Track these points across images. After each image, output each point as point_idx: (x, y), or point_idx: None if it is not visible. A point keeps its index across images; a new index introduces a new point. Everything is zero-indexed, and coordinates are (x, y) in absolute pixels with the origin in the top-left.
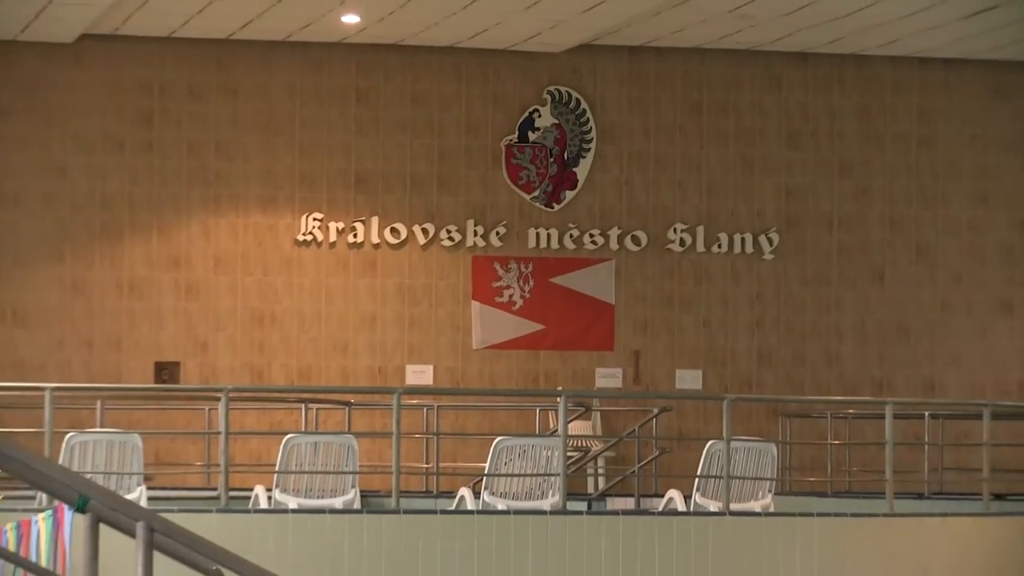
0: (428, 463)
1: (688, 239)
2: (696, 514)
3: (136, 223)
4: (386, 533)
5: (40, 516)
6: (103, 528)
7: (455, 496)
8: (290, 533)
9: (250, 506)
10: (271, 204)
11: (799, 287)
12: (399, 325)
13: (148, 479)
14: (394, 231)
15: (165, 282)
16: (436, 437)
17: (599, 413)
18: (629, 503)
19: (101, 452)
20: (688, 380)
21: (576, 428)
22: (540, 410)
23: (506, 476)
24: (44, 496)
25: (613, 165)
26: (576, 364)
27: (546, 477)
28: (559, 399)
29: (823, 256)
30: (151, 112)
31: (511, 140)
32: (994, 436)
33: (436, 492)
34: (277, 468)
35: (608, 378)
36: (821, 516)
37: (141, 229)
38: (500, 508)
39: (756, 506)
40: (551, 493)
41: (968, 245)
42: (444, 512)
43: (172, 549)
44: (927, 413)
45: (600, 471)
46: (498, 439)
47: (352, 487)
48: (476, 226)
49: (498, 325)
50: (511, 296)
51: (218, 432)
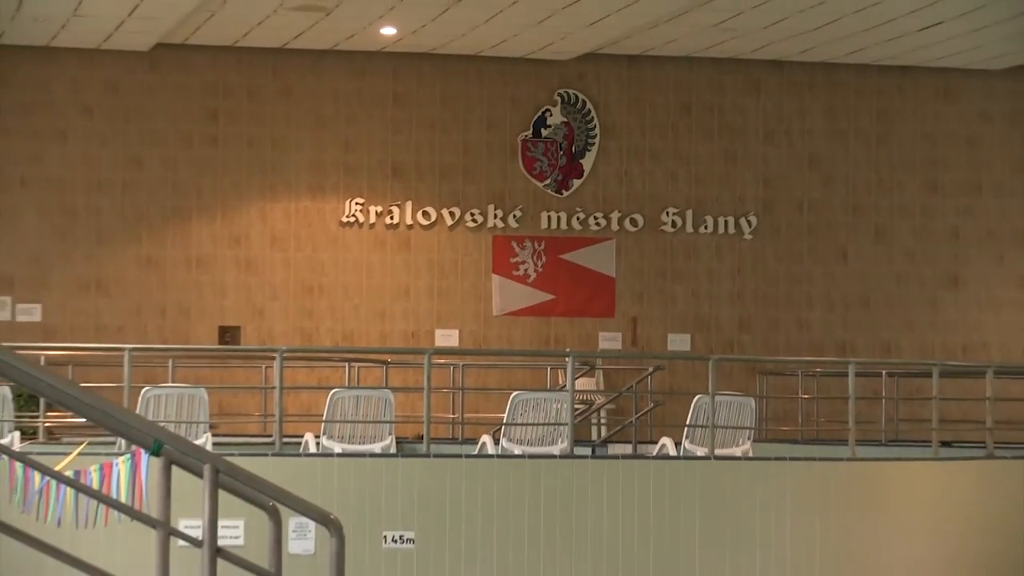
0: (454, 414)
1: (679, 221)
2: (685, 458)
3: (202, 207)
4: (418, 474)
5: (120, 459)
6: (174, 469)
7: (478, 442)
8: (335, 474)
9: (301, 451)
10: (319, 191)
11: (774, 263)
12: (429, 295)
13: (212, 427)
14: (425, 214)
15: (227, 258)
16: (461, 392)
17: (602, 371)
18: (627, 449)
19: (172, 404)
20: (678, 343)
21: (582, 384)
22: (551, 368)
23: (521, 425)
24: (123, 442)
25: (614, 158)
26: (582, 329)
27: (556, 426)
28: (567, 359)
29: (795, 236)
30: (216, 111)
31: (526, 136)
32: (942, 391)
33: (461, 439)
34: (324, 418)
35: (609, 341)
36: (793, 460)
37: (207, 212)
38: (516, 453)
39: (737, 451)
40: (560, 440)
41: (920, 227)
42: (468, 456)
43: (234, 487)
44: (884, 372)
45: (602, 421)
46: (515, 393)
47: (389, 434)
48: (496, 210)
49: (514, 295)
50: (526, 270)
51: (273, 387)
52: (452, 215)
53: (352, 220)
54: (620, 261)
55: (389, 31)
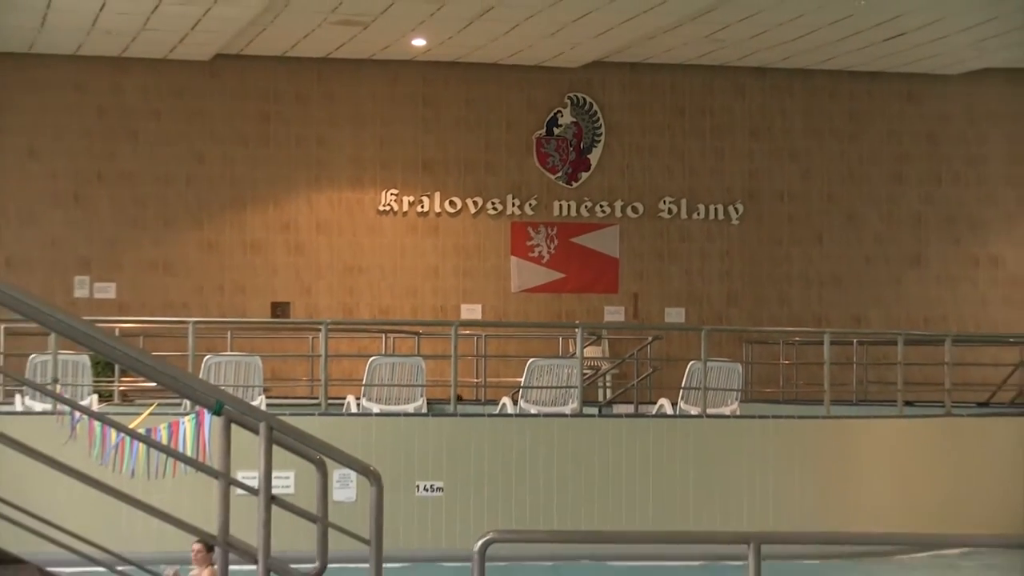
0: (478, 378)
1: (674, 209)
2: (680, 417)
3: (256, 197)
4: (446, 431)
5: (186, 418)
6: (233, 427)
7: (498, 403)
8: (373, 431)
9: (343, 411)
10: (358, 183)
11: (758, 245)
12: (455, 274)
13: (266, 390)
14: (452, 203)
15: (279, 242)
16: (484, 359)
17: (607, 341)
18: (630, 408)
19: (231, 370)
20: (674, 315)
21: (589, 352)
22: (562, 338)
23: (537, 388)
24: (188, 403)
25: (617, 153)
26: (589, 304)
27: (567, 389)
28: (576, 330)
29: (776, 222)
30: (268, 113)
31: (540, 134)
32: (905, 357)
33: (484, 400)
34: (363, 382)
35: (614, 314)
36: (775, 418)
37: (260, 202)
38: (532, 412)
39: (726, 410)
40: (571, 401)
41: (886, 213)
42: (490, 415)
43: (285, 443)
44: (855, 340)
45: (608, 384)
46: (531, 360)
47: (420, 396)
48: (514, 199)
49: (530, 274)
50: (540, 252)
51: (319, 355)
52: (475, 204)
53: (388, 208)
54: (623, 244)
55: (419, 42)
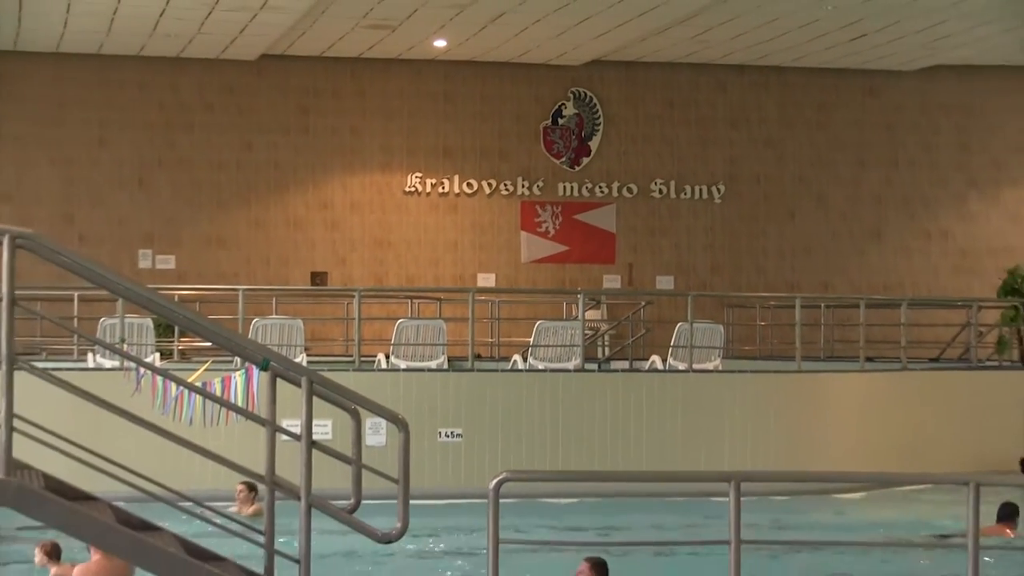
0: (492, 338)
1: (665, 189)
2: (669, 371)
3: (298, 180)
4: (464, 384)
5: (237, 374)
6: (278, 381)
7: (510, 360)
8: (401, 385)
9: (374, 367)
10: (387, 167)
11: (737, 221)
12: (473, 247)
13: (307, 349)
14: (469, 184)
15: (317, 220)
16: (497, 321)
17: (605, 305)
18: (625, 364)
19: (276, 331)
20: (664, 283)
21: (590, 315)
22: (566, 303)
23: (544, 347)
24: (239, 360)
25: (615, 141)
26: (590, 273)
27: (570, 347)
28: (578, 296)
29: (754, 201)
30: (307, 107)
31: (546, 124)
32: (866, 319)
33: (497, 357)
34: (392, 342)
35: (611, 282)
36: (753, 372)
37: (301, 184)
38: (540, 368)
39: (709, 366)
40: (573, 358)
41: (851, 194)
42: (503, 371)
43: (324, 395)
44: (823, 304)
45: (606, 343)
46: (539, 322)
47: (442, 354)
48: (523, 181)
49: (538, 247)
50: (547, 228)
51: (353, 318)
52: (490, 185)
53: (413, 190)
54: (619, 220)
55: (441, 43)
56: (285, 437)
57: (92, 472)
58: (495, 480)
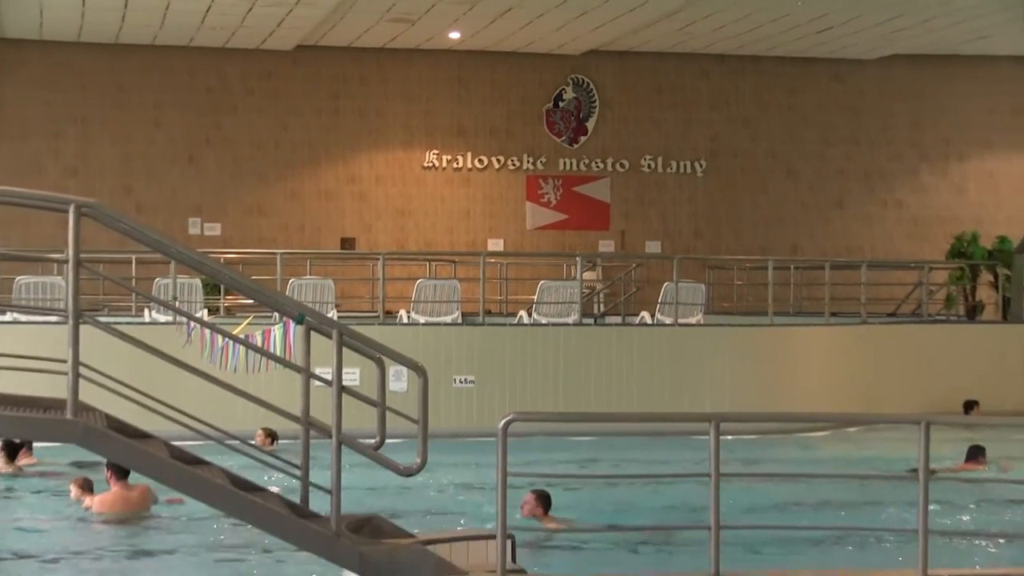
0: (500, 296)
1: (654, 164)
2: (657, 325)
3: (329, 157)
4: (477, 337)
5: (275, 327)
6: (312, 334)
7: (517, 315)
8: (420, 337)
9: (397, 321)
10: (408, 145)
11: (718, 192)
12: (483, 215)
13: (337, 306)
14: (480, 160)
15: (346, 192)
16: (505, 281)
17: (601, 267)
18: (618, 319)
19: (310, 290)
20: (653, 247)
21: (587, 276)
22: (566, 265)
23: (546, 304)
24: (277, 315)
25: (609, 122)
26: (587, 238)
27: (569, 304)
28: (577, 259)
29: (732, 175)
30: (337, 92)
31: (548, 107)
32: (831, 279)
33: (505, 313)
34: (412, 299)
35: (606, 246)
36: (730, 326)
37: (331, 160)
38: (543, 322)
39: (692, 320)
40: (572, 314)
41: (817, 168)
42: (510, 325)
43: (353, 346)
44: (792, 266)
45: (601, 301)
46: (541, 282)
47: (456, 310)
48: (528, 157)
49: (541, 215)
50: (549, 198)
51: (377, 278)
52: (498, 161)
53: (431, 165)
54: (613, 192)
55: (455, 35)
56: (318, 383)
57: (148, 413)
58: (503, 420)
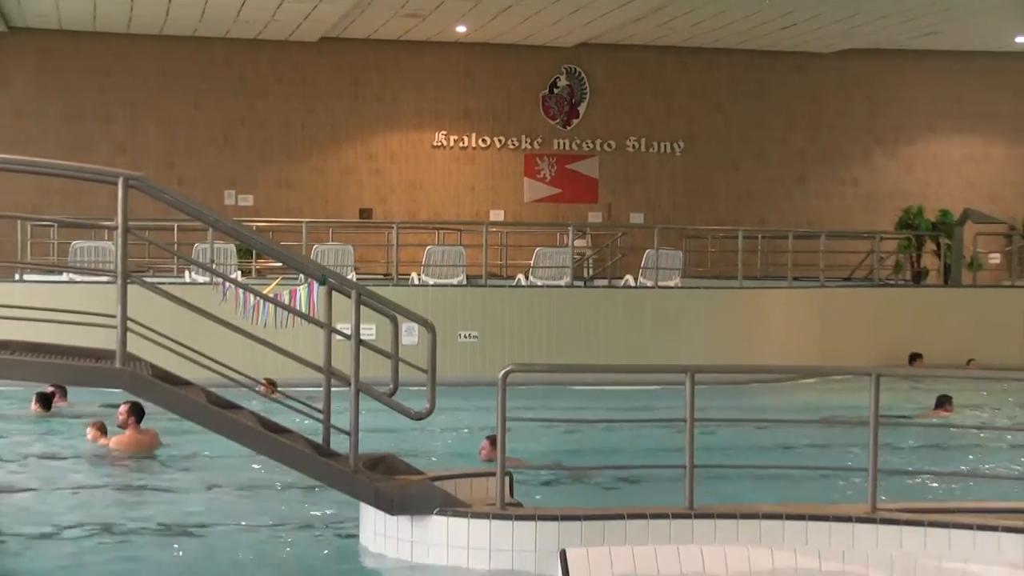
0: (501, 260)
1: (638, 145)
2: (640, 288)
3: (349, 137)
4: (480, 297)
5: (301, 287)
6: (334, 294)
7: (515, 278)
8: (429, 297)
9: (409, 283)
10: (419, 127)
11: (694, 170)
12: (487, 189)
13: (356, 269)
14: (483, 140)
15: (364, 168)
16: (505, 247)
17: (590, 235)
18: (605, 282)
19: (332, 255)
20: (636, 218)
21: (577, 243)
22: (559, 233)
23: (541, 268)
24: (303, 276)
25: (598, 107)
26: (578, 210)
27: (562, 268)
28: (569, 228)
29: (707, 155)
30: (357, 79)
31: (544, 93)
32: (793, 247)
33: (505, 276)
34: (423, 263)
35: (594, 217)
36: (704, 288)
37: (351, 139)
38: (539, 284)
39: (671, 283)
40: (564, 277)
41: (782, 150)
42: (510, 286)
43: (369, 304)
44: (759, 235)
45: (590, 265)
46: (537, 249)
47: (461, 273)
48: (526, 138)
49: (537, 189)
50: (544, 175)
51: (391, 245)
52: (500, 141)
53: (440, 145)
54: (601, 169)
55: (462, 29)
56: (338, 337)
57: (188, 363)
58: (503, 371)
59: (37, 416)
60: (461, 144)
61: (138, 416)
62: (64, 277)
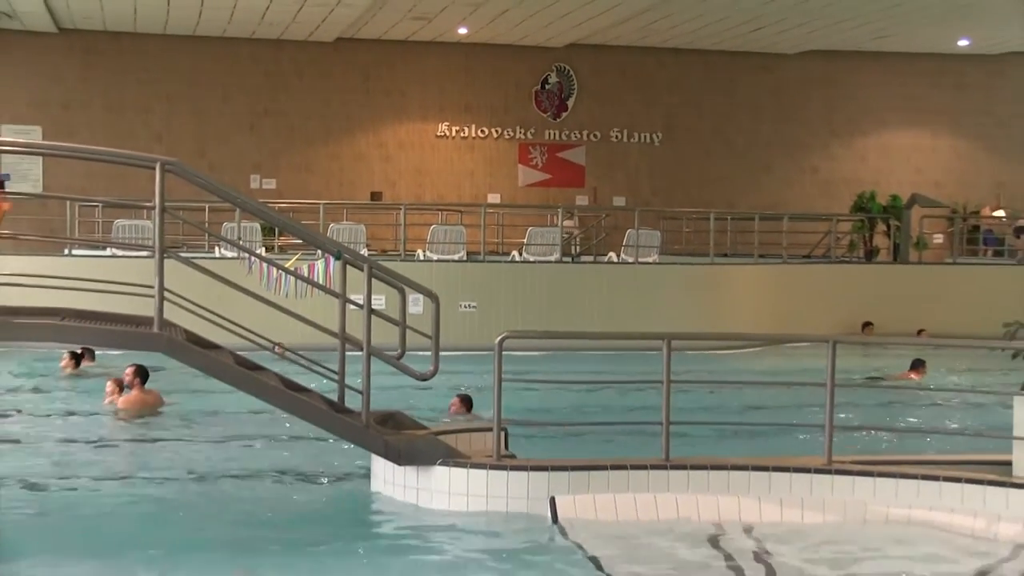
0: (497, 239)
1: (620, 136)
2: (622, 263)
3: (362, 127)
4: (479, 272)
5: (318, 262)
6: (348, 267)
7: (510, 255)
8: (433, 271)
9: (415, 258)
10: (424, 118)
11: (671, 160)
12: (486, 174)
13: (367, 245)
14: (482, 131)
15: (375, 155)
16: (501, 227)
17: (577, 216)
18: (591, 258)
19: (346, 233)
20: (619, 201)
21: (566, 224)
22: (550, 214)
23: (534, 245)
24: (320, 252)
25: (585, 101)
26: (567, 194)
27: (552, 246)
28: (558, 210)
29: (684, 146)
30: (368, 75)
31: (536, 88)
32: (760, 228)
33: (501, 252)
34: (427, 241)
35: (581, 200)
36: (679, 264)
37: (363, 129)
38: (531, 260)
39: (650, 260)
40: (554, 253)
41: (750, 140)
42: (505, 262)
43: (379, 276)
44: (729, 217)
45: (577, 243)
46: (530, 228)
47: (462, 250)
48: (521, 129)
49: (530, 175)
50: (536, 162)
51: (399, 224)
52: (497, 132)
53: (443, 135)
54: (588, 157)
55: (463, 31)
56: (352, 306)
57: (218, 329)
58: (499, 337)
59: (70, 374)
60: (462, 134)
61: (143, 377)
62: (108, 252)
